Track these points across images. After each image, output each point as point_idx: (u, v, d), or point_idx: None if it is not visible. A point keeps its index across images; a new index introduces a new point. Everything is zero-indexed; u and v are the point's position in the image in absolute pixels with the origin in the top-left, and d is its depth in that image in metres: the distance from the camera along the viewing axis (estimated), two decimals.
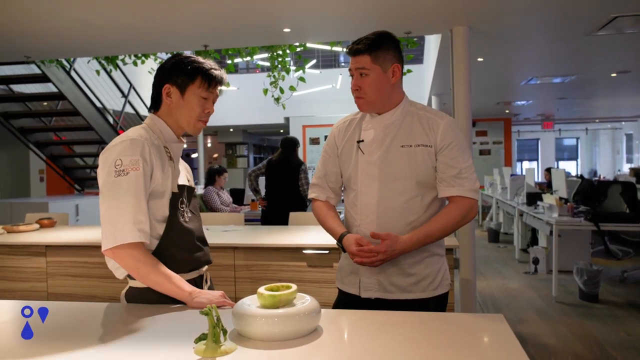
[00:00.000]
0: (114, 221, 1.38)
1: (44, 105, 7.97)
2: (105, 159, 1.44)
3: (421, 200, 1.63)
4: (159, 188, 1.48)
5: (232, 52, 6.01)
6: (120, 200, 1.39)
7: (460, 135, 1.66)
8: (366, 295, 1.66)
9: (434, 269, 1.67)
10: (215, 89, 1.57)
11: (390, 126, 1.66)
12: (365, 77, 1.62)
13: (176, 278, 1.45)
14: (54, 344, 1.15)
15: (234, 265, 2.87)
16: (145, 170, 1.43)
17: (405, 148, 1.63)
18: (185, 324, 1.28)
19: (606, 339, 3.56)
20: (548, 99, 10.39)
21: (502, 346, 1.09)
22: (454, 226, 1.63)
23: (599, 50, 5.65)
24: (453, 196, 1.62)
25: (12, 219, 6.15)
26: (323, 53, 11.73)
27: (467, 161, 1.63)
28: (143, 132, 1.51)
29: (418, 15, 4.11)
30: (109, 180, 1.40)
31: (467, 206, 1.62)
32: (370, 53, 1.60)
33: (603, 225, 4.44)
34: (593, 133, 18.76)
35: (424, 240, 1.59)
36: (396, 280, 1.64)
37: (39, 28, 4.40)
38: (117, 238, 1.37)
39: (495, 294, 4.80)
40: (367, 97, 1.64)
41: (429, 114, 1.67)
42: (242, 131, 14.95)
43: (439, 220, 1.61)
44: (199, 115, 1.56)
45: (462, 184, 1.61)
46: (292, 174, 4.79)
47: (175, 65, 1.55)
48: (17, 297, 3.07)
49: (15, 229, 3.43)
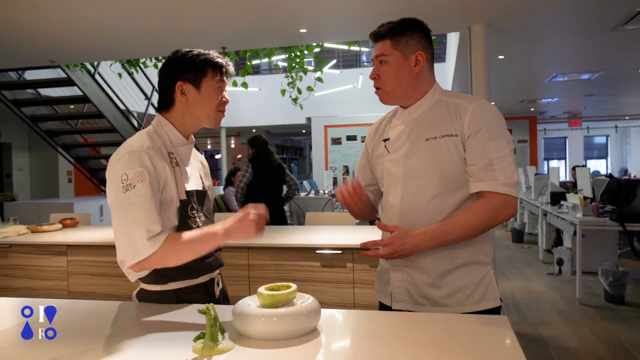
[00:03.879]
0: (131, 236, 1.37)
1: (71, 108, 8.18)
2: (112, 175, 1.43)
3: (448, 198, 1.44)
4: (166, 196, 1.46)
5: (251, 54, 6.05)
6: (132, 215, 1.38)
7: (495, 121, 1.43)
8: (397, 306, 1.50)
9: (473, 279, 1.45)
10: (224, 77, 1.56)
11: (417, 119, 1.51)
12: (384, 65, 1.48)
13: (203, 233, 1.43)
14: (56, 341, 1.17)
15: (248, 265, 2.89)
16: (151, 180, 1.41)
17: (431, 141, 1.45)
18: (187, 322, 1.30)
19: (631, 343, 3.45)
20: (574, 97, 10.15)
21: (501, 349, 1.07)
22: (481, 224, 1.39)
23: (626, 45, 5.49)
24: (484, 192, 1.40)
25: (39, 219, 6.32)
26: (344, 53, 11.72)
27: (501, 150, 1.40)
28: (146, 139, 1.48)
29: (435, 13, 4.07)
30: (119, 197, 1.39)
31: (498, 202, 1.38)
32: (392, 38, 1.47)
33: (629, 226, 4.30)
34: (623, 130, 18.22)
35: (441, 236, 1.39)
36: (426, 291, 1.46)
37: (63, 33, 4.52)
38: (140, 253, 1.37)
39: (517, 295, 4.70)
40: (385, 87, 1.50)
41: (459, 100, 1.48)
42: (264, 132, 15.06)
43: (461, 215, 1.41)
44: (217, 106, 1.55)
45: (494, 177, 1.38)
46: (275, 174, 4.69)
47: (183, 62, 1.52)
48: (40, 295, 3.16)
49: (39, 229, 3.53)
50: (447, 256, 1.45)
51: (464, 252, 1.45)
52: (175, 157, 1.53)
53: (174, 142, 1.55)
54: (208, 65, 1.52)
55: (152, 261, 1.39)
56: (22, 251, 3.25)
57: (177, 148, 1.55)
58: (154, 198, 1.41)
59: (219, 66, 1.53)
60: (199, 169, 1.69)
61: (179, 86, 1.51)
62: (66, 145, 7.47)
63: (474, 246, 1.46)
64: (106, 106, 7.00)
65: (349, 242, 2.76)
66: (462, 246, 1.44)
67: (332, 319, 1.29)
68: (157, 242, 1.38)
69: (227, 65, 1.56)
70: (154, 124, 1.56)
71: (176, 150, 1.55)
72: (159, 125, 1.55)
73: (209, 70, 1.51)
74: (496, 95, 8.53)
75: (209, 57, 1.53)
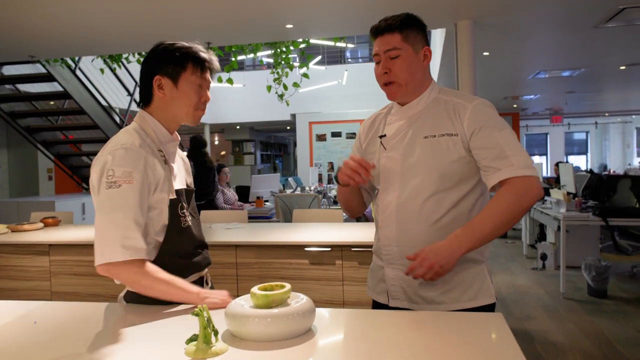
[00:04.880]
0: (103, 237, 1.31)
1: (51, 104, 8.01)
2: (98, 164, 1.36)
3: (445, 197, 1.43)
4: (160, 196, 1.41)
5: (236, 49, 5.99)
6: (110, 215, 1.31)
7: (495, 117, 1.43)
8: (394, 304, 1.51)
9: (468, 275, 1.45)
10: (207, 74, 1.47)
11: (414, 116, 1.50)
12: (397, 59, 1.44)
13: (179, 282, 1.38)
14: (45, 344, 1.14)
15: (236, 264, 2.86)
16: (142, 184, 1.34)
17: (429, 139, 1.44)
18: (179, 324, 1.26)
19: (615, 336, 3.51)
20: (556, 93, 10.29)
21: (499, 346, 1.06)
22: (511, 210, 1.33)
23: (608, 43, 5.57)
24: (503, 181, 1.36)
25: (19, 218, 6.19)
26: (328, 49, 11.68)
27: (509, 138, 1.39)
28: (136, 137, 1.40)
29: (421, 9, 4.07)
30: (101, 192, 1.33)
31: (521, 185, 1.34)
32: (402, 31, 1.44)
33: (612, 220, 4.37)
34: (603, 127, 18.56)
35: (473, 233, 1.33)
36: (420, 290, 1.46)
37: (43, 27, 4.41)
38: (106, 256, 1.30)
39: (502, 291, 4.75)
40: (400, 80, 1.45)
41: (457, 99, 1.48)
42: (248, 128, 14.97)
43: (488, 207, 1.36)
44: (197, 105, 1.46)
45: (510, 163, 1.34)
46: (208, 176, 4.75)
47: (163, 54, 1.44)
48: (21, 296, 3.08)
49: (20, 228, 3.44)
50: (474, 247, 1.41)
51: None
52: (164, 155, 1.47)
53: (160, 139, 1.48)
54: (188, 59, 1.43)
55: (121, 273, 1.33)
56: (2, 251, 3.17)
57: (164, 145, 1.49)
58: (140, 203, 1.34)
59: (201, 61, 1.44)
60: (184, 167, 1.64)
61: (157, 80, 1.43)
62: (46, 142, 7.31)
63: None
64: (88, 102, 6.87)
65: (338, 239, 2.74)
66: None
67: (326, 319, 1.27)
68: (130, 254, 1.31)
69: (211, 60, 1.47)
70: (137, 120, 1.49)
71: (164, 147, 1.49)
72: (144, 121, 1.48)
73: (188, 64, 1.43)
74: (481, 91, 8.56)
75: (191, 50, 1.44)
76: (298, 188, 7.68)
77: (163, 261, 1.43)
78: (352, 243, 2.70)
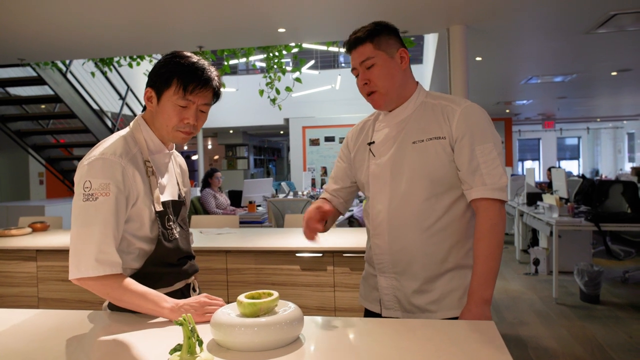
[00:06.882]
0: (79, 251, 1.27)
1: (42, 108, 7.95)
2: (78, 178, 1.32)
3: (437, 202, 1.41)
4: (138, 210, 1.37)
5: (228, 53, 5.97)
6: (86, 228, 1.28)
7: (482, 123, 1.41)
8: (387, 314, 1.48)
9: (462, 282, 1.43)
10: (194, 96, 1.36)
11: (402, 122, 1.48)
12: (373, 68, 1.43)
13: (153, 295, 1.32)
14: (25, 354, 1.10)
15: (226, 269, 2.82)
16: (117, 196, 1.30)
17: (417, 144, 1.42)
18: (163, 334, 1.23)
19: (607, 341, 3.50)
20: (548, 99, 10.35)
21: (490, 355, 1.04)
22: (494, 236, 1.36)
23: (600, 49, 5.60)
24: (476, 201, 1.38)
25: (7, 223, 6.12)
26: (322, 54, 11.69)
27: (488, 153, 1.37)
28: (120, 144, 1.36)
29: (414, 14, 4.07)
30: (78, 204, 1.30)
31: (491, 212, 1.36)
32: (372, 40, 1.43)
33: (604, 226, 4.38)
34: (595, 132, 18.71)
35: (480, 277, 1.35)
36: (413, 299, 1.44)
37: (32, 29, 4.37)
38: (81, 270, 1.27)
39: (495, 296, 4.74)
40: (380, 88, 1.44)
41: (446, 102, 1.46)
42: (242, 133, 14.93)
43: (475, 248, 1.38)
44: (176, 126, 1.38)
45: (483, 181, 1.36)
46: None
47: (157, 66, 1.40)
48: (7, 302, 3.03)
49: (7, 233, 3.39)
50: (437, 261, 1.43)
51: (453, 257, 1.43)
52: (151, 166, 1.42)
53: (151, 148, 1.44)
54: (173, 78, 1.34)
55: (94, 286, 1.30)
56: None
57: (154, 155, 1.45)
58: (116, 216, 1.30)
59: (188, 81, 1.34)
60: (177, 175, 1.58)
61: (147, 92, 1.40)
62: (37, 146, 7.25)
63: (463, 250, 1.45)
64: (79, 106, 6.82)
65: (330, 245, 2.72)
66: (451, 251, 1.43)
67: (315, 327, 1.25)
68: (105, 269, 1.28)
69: (204, 82, 1.36)
70: (132, 127, 1.45)
71: (153, 158, 1.44)
72: (138, 128, 1.44)
73: (173, 82, 1.34)
74: (473, 96, 8.58)
75: (182, 68, 1.35)
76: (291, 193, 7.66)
77: (147, 270, 1.40)
78: (343, 249, 2.68)
